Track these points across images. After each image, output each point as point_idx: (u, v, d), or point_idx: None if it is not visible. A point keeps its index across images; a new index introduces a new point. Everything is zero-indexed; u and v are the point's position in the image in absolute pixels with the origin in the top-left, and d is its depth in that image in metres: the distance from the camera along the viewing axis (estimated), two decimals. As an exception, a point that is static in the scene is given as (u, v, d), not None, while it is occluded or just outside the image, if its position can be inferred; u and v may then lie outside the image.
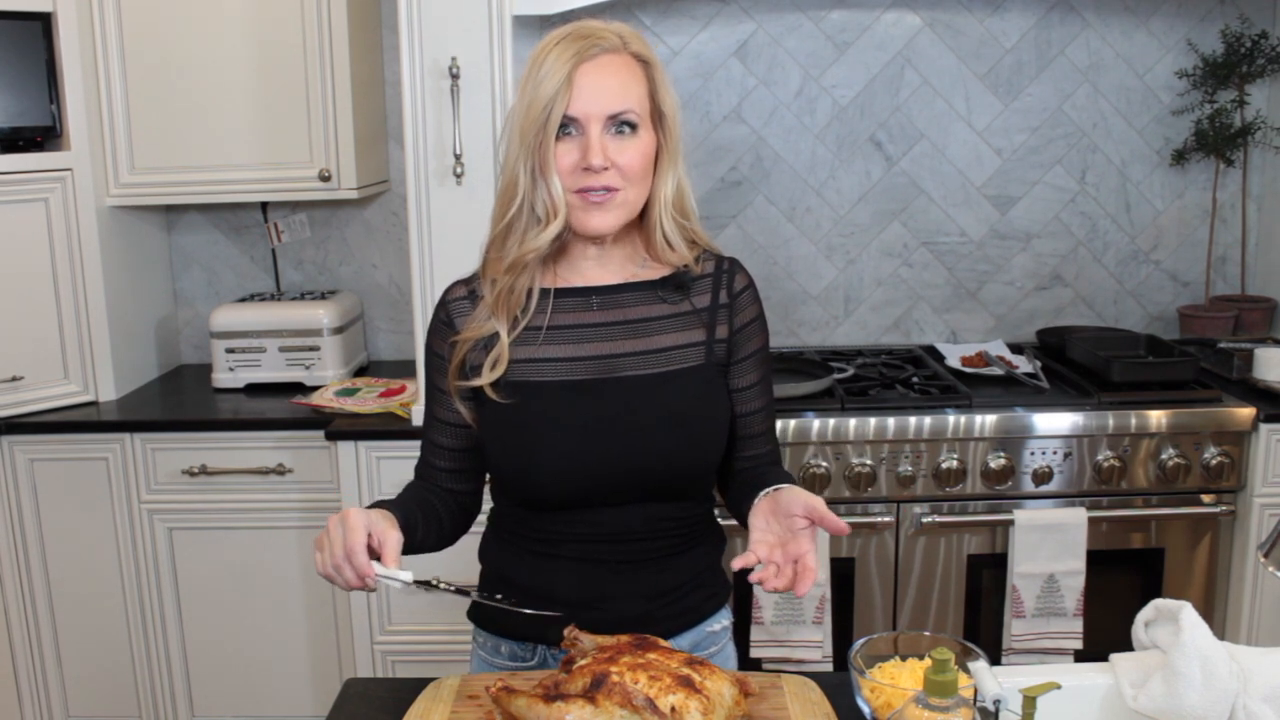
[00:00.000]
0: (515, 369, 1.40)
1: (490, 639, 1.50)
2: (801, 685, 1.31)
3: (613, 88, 1.33)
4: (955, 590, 2.48)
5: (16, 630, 2.62)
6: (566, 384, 1.40)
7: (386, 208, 3.01)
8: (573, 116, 1.33)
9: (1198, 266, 3.01)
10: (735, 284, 1.47)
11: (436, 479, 1.49)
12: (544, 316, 1.41)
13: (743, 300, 1.47)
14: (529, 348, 1.41)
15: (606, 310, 1.43)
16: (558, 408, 1.39)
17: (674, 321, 1.44)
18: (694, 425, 1.40)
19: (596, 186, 1.34)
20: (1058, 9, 2.88)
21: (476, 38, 2.28)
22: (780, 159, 2.95)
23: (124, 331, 2.76)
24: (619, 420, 1.38)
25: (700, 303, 1.45)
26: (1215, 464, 2.41)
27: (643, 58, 1.37)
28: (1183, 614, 1.16)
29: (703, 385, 1.42)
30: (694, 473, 1.43)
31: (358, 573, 1.23)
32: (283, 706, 2.67)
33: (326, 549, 1.25)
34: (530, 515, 1.44)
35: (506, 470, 1.43)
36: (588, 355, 1.41)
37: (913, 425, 2.40)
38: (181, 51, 2.64)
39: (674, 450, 1.39)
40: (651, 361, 1.41)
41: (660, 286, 1.44)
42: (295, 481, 2.55)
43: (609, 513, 1.41)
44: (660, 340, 1.42)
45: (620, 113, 1.33)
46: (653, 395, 1.40)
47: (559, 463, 1.38)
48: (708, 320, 1.44)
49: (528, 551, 1.45)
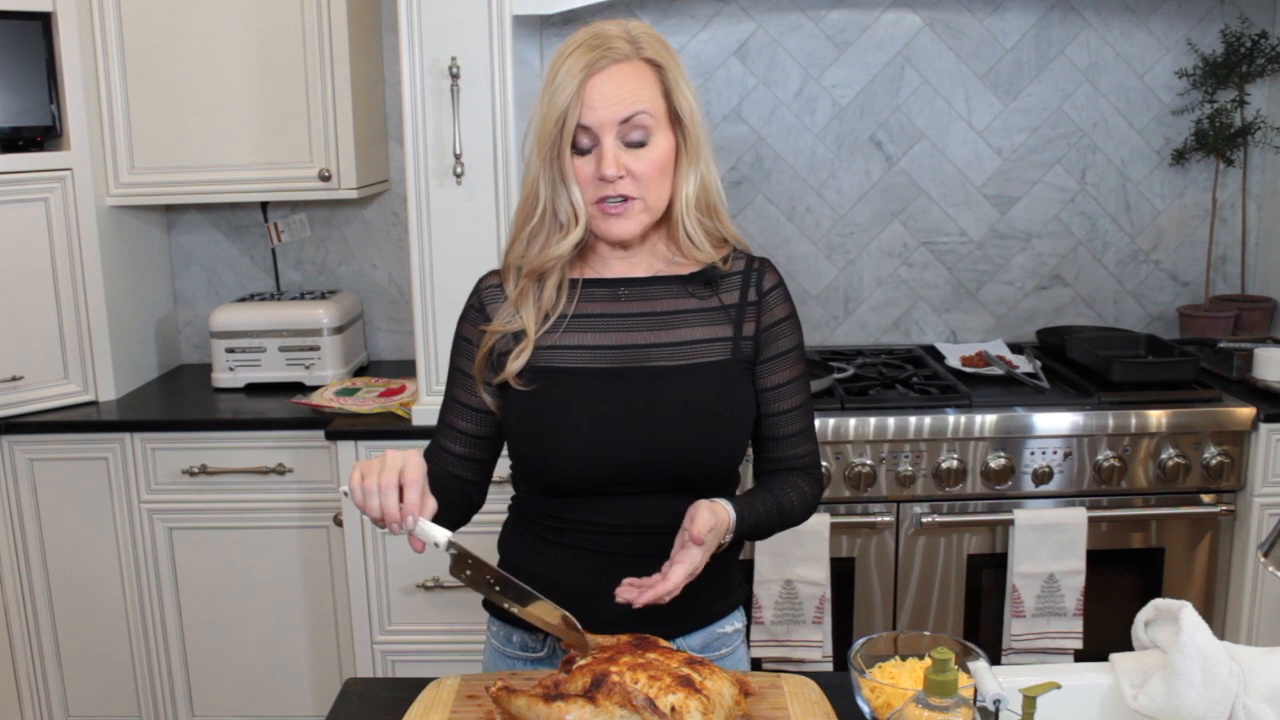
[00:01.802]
0: (540, 354, 1.42)
1: (503, 628, 1.51)
2: (801, 685, 1.31)
3: (622, 95, 1.35)
4: (955, 590, 2.48)
5: (16, 630, 2.62)
6: (590, 371, 1.41)
7: (386, 208, 3.01)
8: (586, 126, 1.35)
9: (1198, 266, 3.01)
10: (764, 283, 1.48)
11: (446, 463, 1.49)
12: (571, 305, 1.43)
13: (771, 299, 1.48)
14: (554, 334, 1.43)
15: (634, 302, 1.44)
16: (581, 394, 1.40)
17: (701, 316, 1.45)
18: (715, 419, 1.41)
19: (613, 195, 1.36)
20: (1058, 9, 2.88)
21: (476, 38, 2.28)
22: (780, 159, 2.95)
23: (124, 331, 2.76)
24: (640, 409, 1.39)
25: (729, 299, 1.46)
26: (1215, 464, 2.41)
27: (656, 62, 1.38)
28: (1183, 614, 1.16)
29: (727, 380, 1.43)
30: (712, 467, 1.43)
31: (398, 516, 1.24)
32: (283, 706, 2.67)
33: (375, 471, 1.25)
34: (549, 502, 1.45)
35: (526, 453, 1.44)
36: (613, 345, 1.42)
37: (913, 425, 2.40)
38: (181, 52, 2.64)
39: (693, 443, 1.40)
40: (677, 354, 1.42)
41: (689, 281, 1.45)
42: (295, 481, 2.55)
43: (626, 503, 1.42)
44: (686, 334, 1.43)
45: (629, 117, 1.35)
46: (676, 387, 1.41)
47: (578, 447, 1.39)
48: (735, 317, 1.45)
49: (544, 540, 1.46)
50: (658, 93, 1.37)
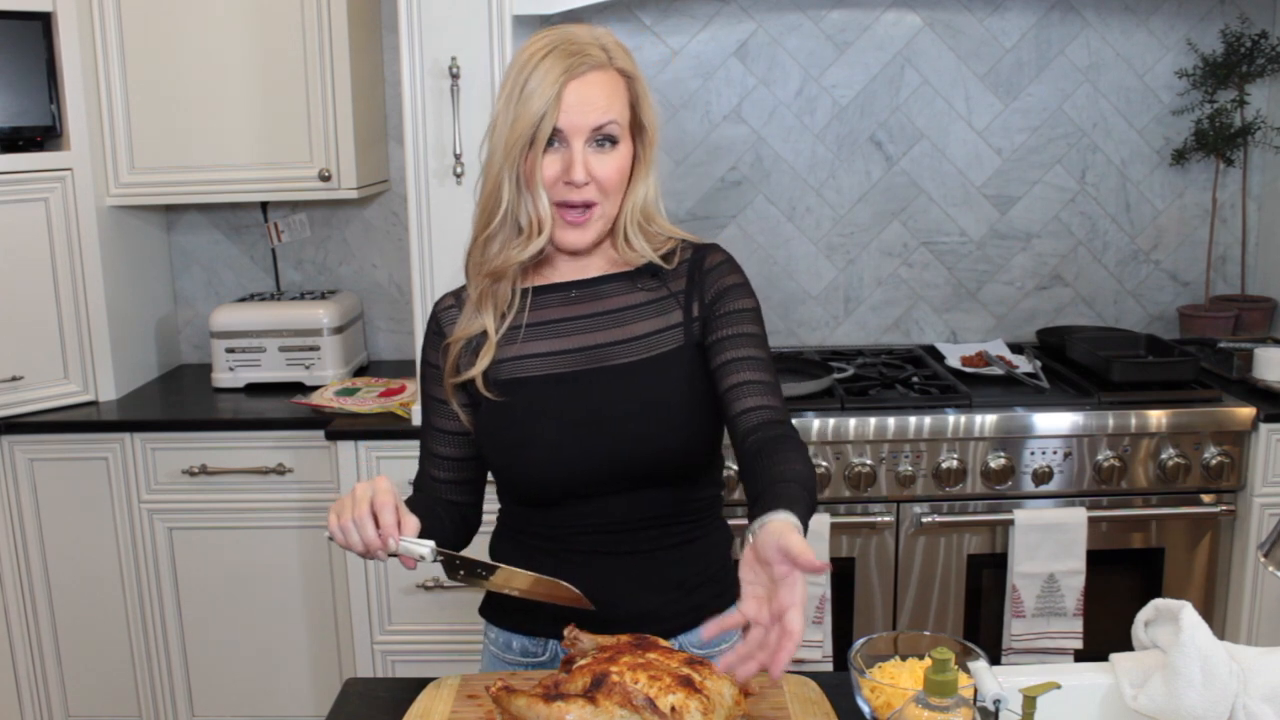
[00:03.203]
0: (502, 368, 1.43)
1: (501, 634, 1.51)
2: (801, 685, 1.31)
3: (598, 103, 1.35)
4: (955, 590, 2.48)
5: (16, 630, 2.62)
6: (550, 377, 1.42)
7: (386, 207, 3.01)
8: (558, 129, 1.35)
9: (1198, 266, 3.01)
10: (707, 262, 1.47)
11: (437, 491, 1.50)
12: (523, 315, 1.44)
13: (715, 273, 1.46)
14: (512, 346, 1.44)
15: (585, 302, 1.45)
16: (543, 401, 1.41)
17: (652, 308, 1.45)
18: (678, 408, 1.41)
19: (576, 202, 1.37)
20: (1058, 9, 2.88)
21: (476, 38, 2.28)
22: (780, 159, 2.95)
23: (124, 331, 2.76)
24: (605, 409, 1.40)
25: (676, 287, 1.47)
26: (1215, 464, 2.41)
27: (626, 72, 1.39)
28: (1183, 614, 1.16)
29: (683, 368, 1.43)
30: (684, 454, 1.42)
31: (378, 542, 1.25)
32: (283, 706, 2.67)
33: (348, 508, 1.26)
34: (532, 513, 1.46)
35: (500, 467, 1.45)
36: (570, 348, 1.43)
37: (913, 425, 2.40)
38: (181, 51, 2.64)
39: (661, 434, 1.39)
40: (634, 349, 1.43)
41: (637, 276, 1.46)
42: (295, 481, 2.55)
43: (605, 502, 1.41)
44: (640, 327, 1.44)
45: (602, 125, 1.36)
46: (637, 382, 1.41)
47: (547, 455, 1.39)
48: (684, 302, 1.45)
49: (536, 549, 1.46)
50: (626, 103, 1.39)
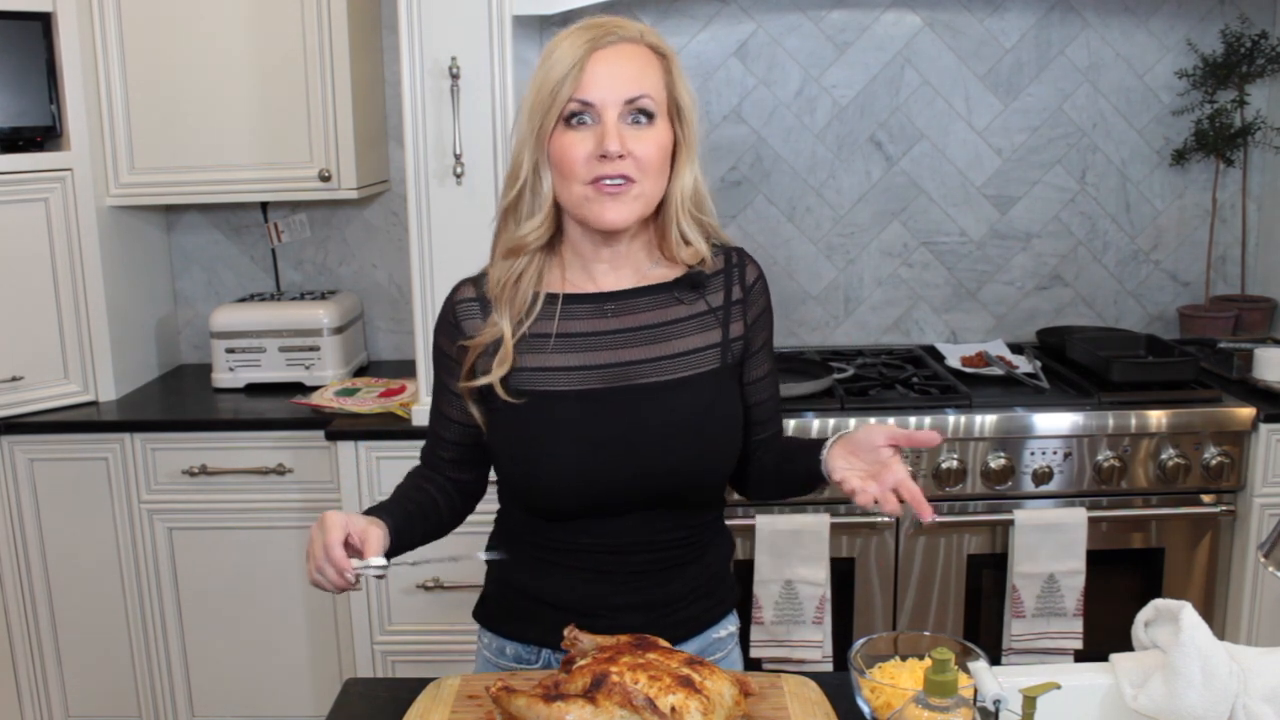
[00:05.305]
0: (525, 377, 1.36)
1: (495, 640, 1.49)
2: (801, 685, 1.31)
3: (630, 73, 1.29)
4: (955, 590, 2.48)
5: (16, 630, 2.62)
6: (578, 394, 1.36)
7: (386, 208, 3.01)
8: (589, 103, 1.28)
9: (1198, 266, 3.01)
10: (747, 277, 1.45)
11: (441, 468, 1.48)
12: (553, 323, 1.37)
13: (755, 292, 1.45)
14: (539, 355, 1.37)
15: (621, 316, 1.38)
16: (569, 418, 1.35)
17: (691, 324, 1.40)
18: (708, 433, 1.37)
19: (613, 174, 1.28)
20: (1058, 9, 2.88)
21: (476, 38, 2.28)
22: (780, 159, 2.95)
23: (124, 331, 2.76)
24: (631, 431, 1.35)
25: (715, 301, 1.42)
26: (1215, 464, 2.41)
27: (660, 50, 1.34)
28: (1183, 614, 1.16)
29: (718, 390, 1.39)
30: (707, 480, 1.40)
31: (337, 569, 1.24)
32: (283, 706, 2.67)
33: (312, 558, 1.25)
34: (536, 523, 1.42)
35: (514, 479, 1.41)
36: (601, 364, 1.37)
37: (913, 425, 2.40)
38: (181, 52, 2.64)
39: (687, 460, 1.36)
40: (667, 368, 1.37)
41: (675, 287, 1.40)
42: (295, 481, 2.55)
43: (616, 523, 1.38)
44: (677, 345, 1.39)
45: (637, 98, 1.29)
46: (667, 404, 1.36)
47: (567, 475, 1.35)
48: (723, 319, 1.41)
49: (532, 558, 1.43)
50: (661, 81, 1.33)
